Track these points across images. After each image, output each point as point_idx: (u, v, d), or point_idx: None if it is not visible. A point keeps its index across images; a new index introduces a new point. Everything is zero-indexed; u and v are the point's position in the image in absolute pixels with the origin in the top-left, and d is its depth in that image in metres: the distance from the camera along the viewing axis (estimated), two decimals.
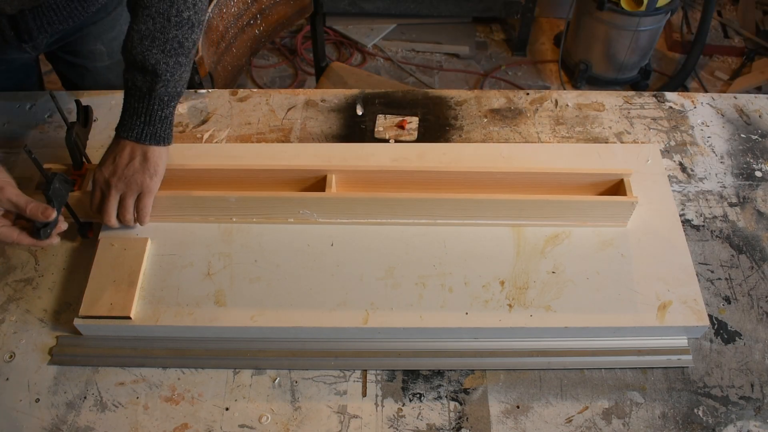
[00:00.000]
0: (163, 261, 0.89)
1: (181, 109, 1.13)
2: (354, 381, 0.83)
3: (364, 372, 0.84)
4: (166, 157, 0.86)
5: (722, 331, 0.88)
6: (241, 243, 0.91)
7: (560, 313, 0.84)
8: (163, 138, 0.85)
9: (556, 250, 0.90)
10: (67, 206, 0.88)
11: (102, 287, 0.85)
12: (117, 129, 0.85)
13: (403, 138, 1.09)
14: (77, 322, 0.84)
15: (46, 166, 0.85)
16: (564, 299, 0.85)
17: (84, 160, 0.91)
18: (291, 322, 0.84)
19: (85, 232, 0.92)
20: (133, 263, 0.88)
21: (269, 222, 0.92)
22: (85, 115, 0.89)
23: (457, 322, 0.84)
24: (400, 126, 1.10)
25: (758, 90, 2.39)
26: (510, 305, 0.85)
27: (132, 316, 0.83)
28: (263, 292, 0.86)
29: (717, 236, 0.97)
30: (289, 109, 1.13)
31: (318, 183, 0.92)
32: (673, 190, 1.02)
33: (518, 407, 0.81)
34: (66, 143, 0.86)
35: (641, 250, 0.90)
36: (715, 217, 0.99)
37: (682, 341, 0.86)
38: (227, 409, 0.81)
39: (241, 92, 1.16)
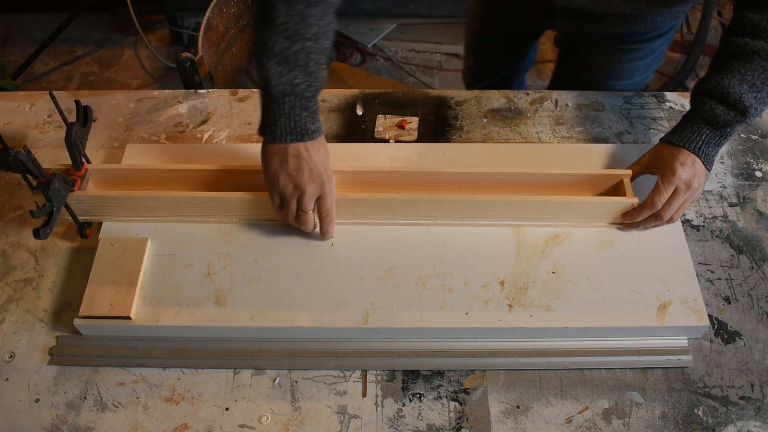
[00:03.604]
0: (163, 261, 0.89)
1: (181, 109, 1.13)
2: (354, 381, 0.83)
3: (364, 372, 0.84)
4: (705, 180, 0.90)
5: (722, 331, 0.88)
6: (241, 243, 0.91)
7: (560, 313, 0.84)
8: (710, 162, 0.89)
9: (556, 250, 0.90)
10: (67, 206, 0.88)
11: (102, 287, 0.85)
12: (671, 137, 0.90)
13: (403, 138, 1.09)
14: (77, 322, 0.84)
15: (45, 166, 0.85)
16: (564, 299, 0.85)
17: (83, 160, 0.91)
18: (291, 322, 0.84)
19: (84, 231, 0.92)
20: (133, 263, 0.87)
21: (269, 222, 0.92)
22: (85, 115, 0.90)
23: (457, 322, 0.84)
24: (400, 126, 1.10)
25: None
26: (510, 305, 0.85)
27: (132, 316, 0.83)
28: (263, 292, 0.86)
29: (717, 236, 0.97)
30: None
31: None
32: None
33: (518, 407, 0.81)
34: (65, 143, 0.86)
35: (641, 250, 0.90)
36: (715, 217, 0.99)
37: (682, 341, 0.86)
38: (227, 409, 0.81)
39: (241, 92, 1.16)
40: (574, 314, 0.84)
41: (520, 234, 0.92)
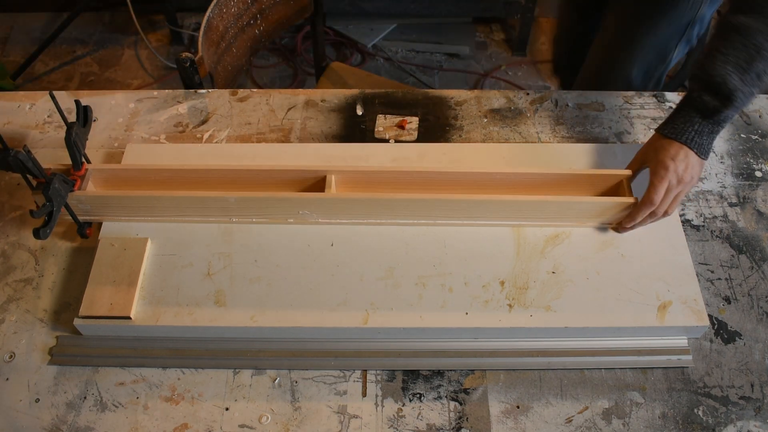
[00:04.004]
0: (163, 261, 0.89)
1: (181, 109, 1.13)
2: (354, 381, 0.83)
3: (364, 372, 0.84)
4: (699, 170, 0.88)
5: (722, 331, 0.88)
6: (241, 243, 0.91)
7: (560, 313, 0.84)
8: (705, 152, 0.87)
9: (556, 250, 0.90)
10: (67, 206, 0.88)
11: (102, 287, 0.85)
12: (663, 128, 0.88)
13: (403, 138, 1.09)
14: (77, 322, 0.84)
15: (45, 166, 0.85)
16: (564, 299, 0.85)
17: (84, 160, 0.91)
18: (291, 322, 0.84)
19: (84, 231, 0.92)
20: (133, 263, 0.88)
21: (269, 222, 0.92)
22: (85, 115, 0.90)
23: (457, 322, 0.84)
24: (400, 126, 1.10)
25: None
26: (510, 305, 0.85)
27: (132, 316, 0.83)
28: (263, 292, 0.86)
29: (717, 236, 0.97)
30: (289, 109, 1.13)
31: (318, 183, 0.92)
32: None
33: (518, 407, 0.81)
34: (66, 143, 0.86)
35: (641, 250, 0.90)
36: (715, 217, 0.99)
37: (682, 341, 0.86)
38: (227, 409, 0.81)
39: (241, 92, 1.16)
40: (574, 314, 0.84)
41: (520, 234, 0.92)
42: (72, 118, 0.89)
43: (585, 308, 0.85)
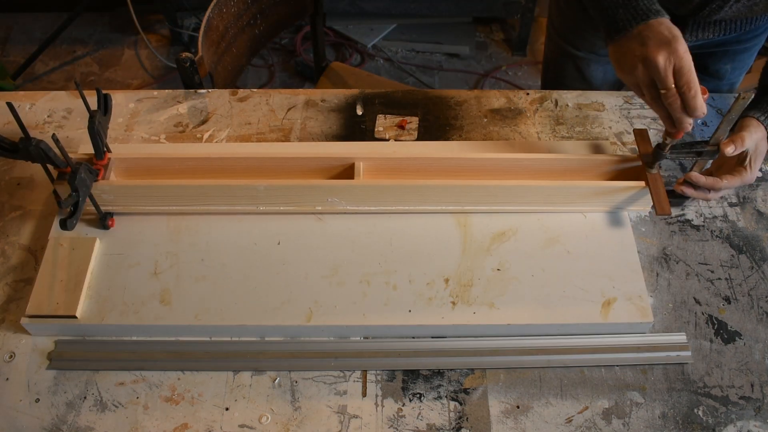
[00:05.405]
0: (110, 260, 0.89)
1: (181, 109, 1.13)
2: (354, 381, 0.83)
3: (364, 372, 0.84)
4: None
5: (722, 331, 0.88)
6: (189, 242, 0.91)
7: (503, 310, 0.84)
8: None
9: (502, 247, 0.90)
10: (90, 197, 0.88)
11: (49, 287, 0.85)
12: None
13: (403, 138, 1.09)
14: (24, 321, 0.83)
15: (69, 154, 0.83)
16: (508, 296, 0.86)
17: (105, 149, 0.90)
18: (235, 320, 0.84)
19: (106, 223, 0.92)
20: (81, 263, 0.87)
21: (297, 211, 0.92)
22: (105, 103, 0.89)
23: (399, 320, 0.84)
24: (400, 126, 1.10)
25: None
26: (453, 303, 0.85)
27: (78, 315, 0.83)
28: (208, 291, 0.86)
29: (717, 236, 0.97)
30: (289, 109, 1.13)
31: (345, 171, 0.92)
32: None
33: (518, 407, 0.81)
34: (89, 132, 0.85)
35: (588, 247, 0.90)
36: (715, 217, 0.99)
37: (681, 338, 0.86)
38: (227, 409, 0.81)
39: (241, 92, 1.16)
40: (517, 311, 0.84)
41: (466, 231, 0.92)
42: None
43: (528, 305, 0.85)
